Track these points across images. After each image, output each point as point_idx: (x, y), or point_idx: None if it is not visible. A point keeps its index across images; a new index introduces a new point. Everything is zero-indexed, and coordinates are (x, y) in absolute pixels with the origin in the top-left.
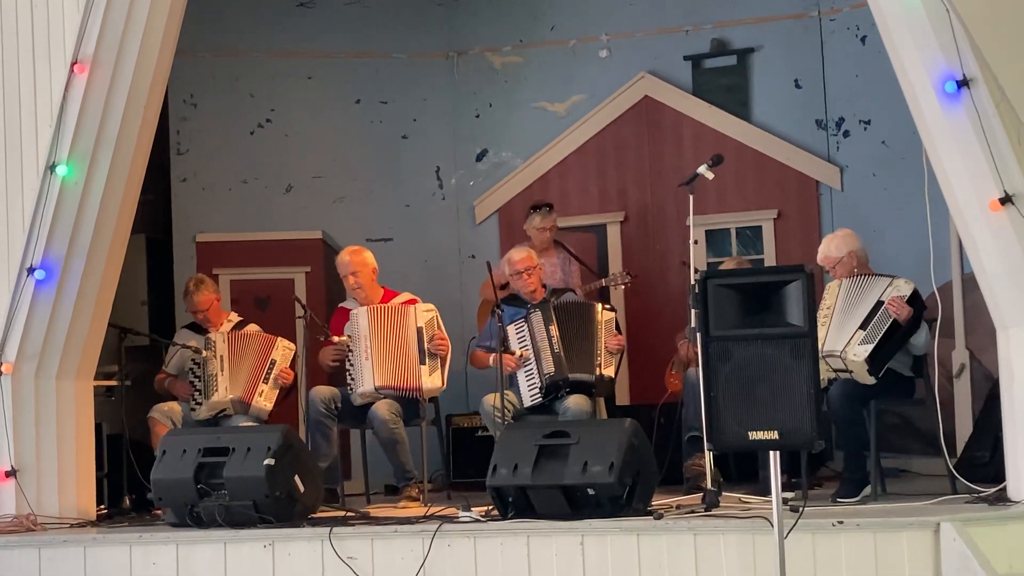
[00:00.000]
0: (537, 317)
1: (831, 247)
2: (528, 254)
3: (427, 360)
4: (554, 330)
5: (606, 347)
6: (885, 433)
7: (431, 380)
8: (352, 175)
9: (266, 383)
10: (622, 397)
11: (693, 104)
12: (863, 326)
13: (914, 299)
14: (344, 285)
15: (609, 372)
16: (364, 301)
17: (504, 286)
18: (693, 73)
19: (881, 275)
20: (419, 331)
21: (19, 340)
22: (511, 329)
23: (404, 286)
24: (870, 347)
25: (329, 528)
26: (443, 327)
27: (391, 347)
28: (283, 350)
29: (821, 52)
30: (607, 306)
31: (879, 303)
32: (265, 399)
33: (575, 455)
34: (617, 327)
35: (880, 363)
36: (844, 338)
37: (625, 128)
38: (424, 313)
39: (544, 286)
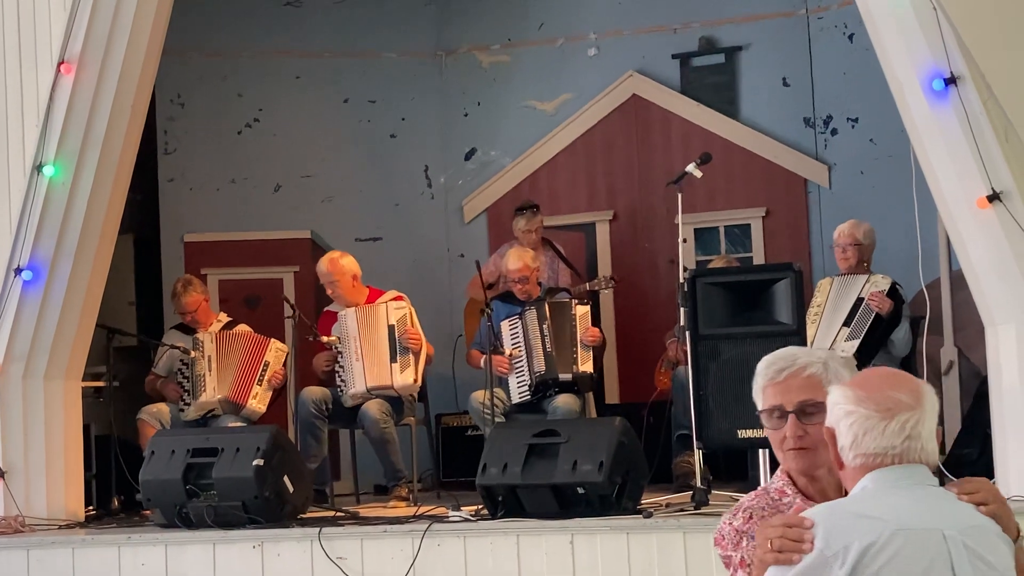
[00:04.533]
0: (532, 315)
1: (859, 231)
2: (524, 263)
3: (398, 357)
4: (548, 328)
5: (582, 342)
6: None
7: (402, 377)
8: (341, 174)
9: (260, 385)
10: (611, 395)
11: (681, 103)
12: (847, 323)
13: (892, 293)
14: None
15: (587, 368)
16: (348, 306)
17: (491, 285)
18: (681, 71)
19: (858, 274)
20: (391, 328)
21: (6, 341)
22: (505, 325)
23: (392, 285)
24: (856, 342)
25: (319, 528)
26: (417, 323)
27: (375, 347)
28: (276, 352)
29: (809, 50)
30: (581, 301)
31: (859, 299)
32: (259, 401)
33: (565, 454)
34: (594, 321)
35: (867, 358)
36: (831, 336)
37: (613, 127)
38: (396, 310)
39: (539, 284)
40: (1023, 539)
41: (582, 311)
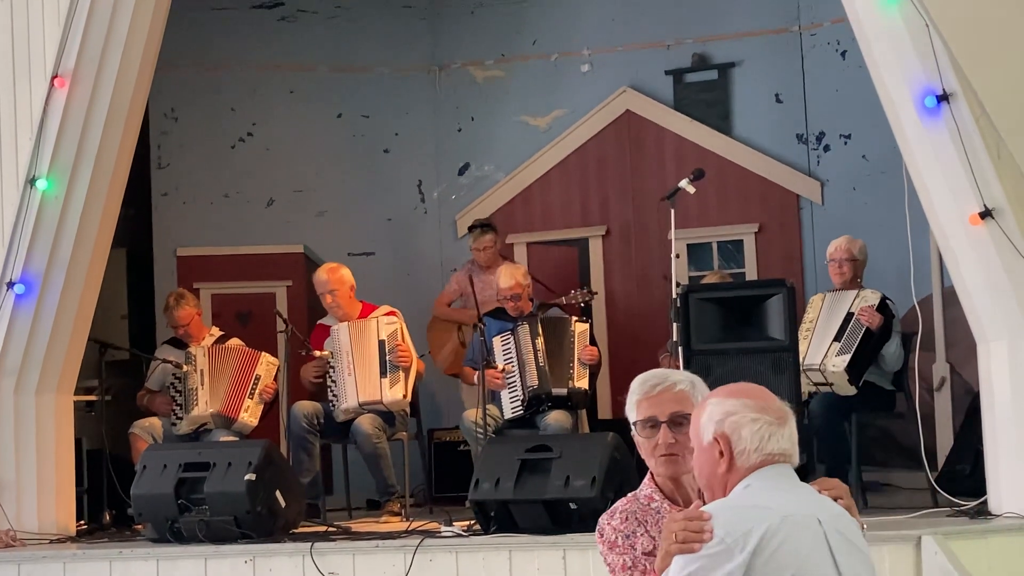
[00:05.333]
0: (524, 330)
1: (855, 247)
2: (516, 280)
3: (388, 373)
4: (540, 343)
5: (579, 359)
6: (866, 446)
7: (392, 393)
8: (334, 189)
9: (251, 398)
10: (604, 411)
11: (674, 118)
12: (837, 338)
13: (882, 307)
14: (322, 303)
15: (582, 384)
16: (343, 318)
17: (450, 304)
18: (674, 87)
19: (850, 289)
20: (381, 344)
21: None
22: (497, 341)
23: (385, 300)
24: (848, 356)
25: (310, 543)
26: (408, 338)
27: (366, 361)
28: (267, 365)
29: (802, 67)
30: (581, 318)
31: (849, 314)
32: (251, 415)
33: (557, 469)
34: (593, 340)
35: (859, 372)
36: (822, 351)
37: (607, 142)
38: (387, 325)
39: (531, 300)
40: (866, 532)
41: (581, 328)
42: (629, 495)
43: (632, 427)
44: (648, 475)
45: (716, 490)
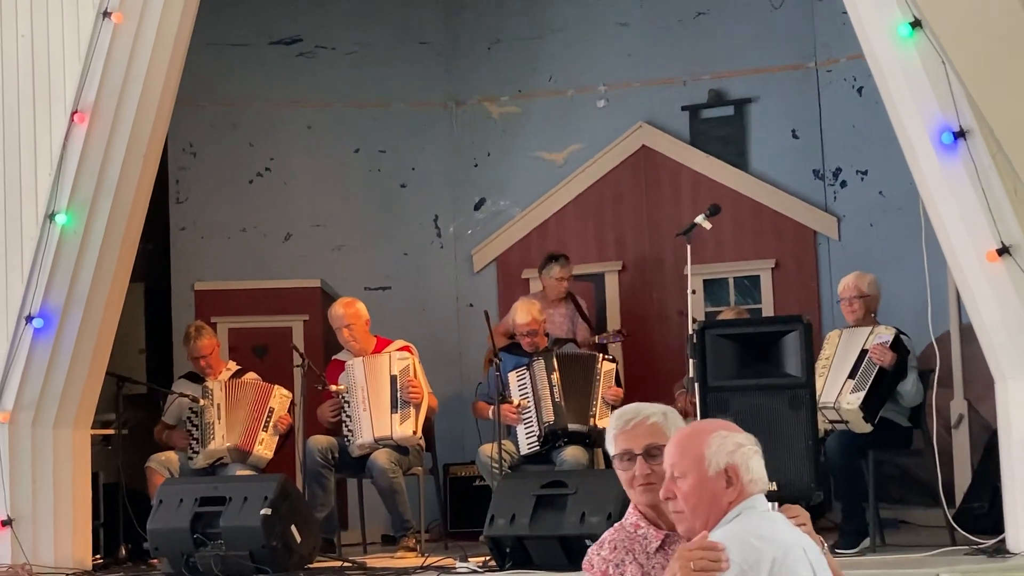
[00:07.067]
0: (540, 365)
1: (864, 283)
2: (532, 317)
3: (399, 408)
4: (556, 379)
5: (603, 398)
6: (883, 484)
7: (402, 429)
8: (351, 224)
9: (266, 431)
10: None
11: (691, 154)
12: (851, 375)
13: (896, 344)
14: (338, 337)
15: (604, 423)
16: (358, 352)
17: (513, 335)
18: (691, 123)
19: (865, 325)
20: (393, 379)
21: (16, 388)
22: (512, 376)
23: (401, 335)
24: (862, 394)
25: None
26: (421, 374)
27: (379, 396)
28: (280, 398)
29: (818, 103)
30: (608, 357)
31: (863, 351)
32: (265, 447)
33: (573, 505)
34: (618, 380)
35: (873, 409)
36: (836, 389)
37: (623, 178)
38: (399, 361)
39: (547, 335)
40: (826, 549)
41: (608, 368)
42: (616, 525)
43: (612, 460)
44: (631, 505)
45: (712, 515)
